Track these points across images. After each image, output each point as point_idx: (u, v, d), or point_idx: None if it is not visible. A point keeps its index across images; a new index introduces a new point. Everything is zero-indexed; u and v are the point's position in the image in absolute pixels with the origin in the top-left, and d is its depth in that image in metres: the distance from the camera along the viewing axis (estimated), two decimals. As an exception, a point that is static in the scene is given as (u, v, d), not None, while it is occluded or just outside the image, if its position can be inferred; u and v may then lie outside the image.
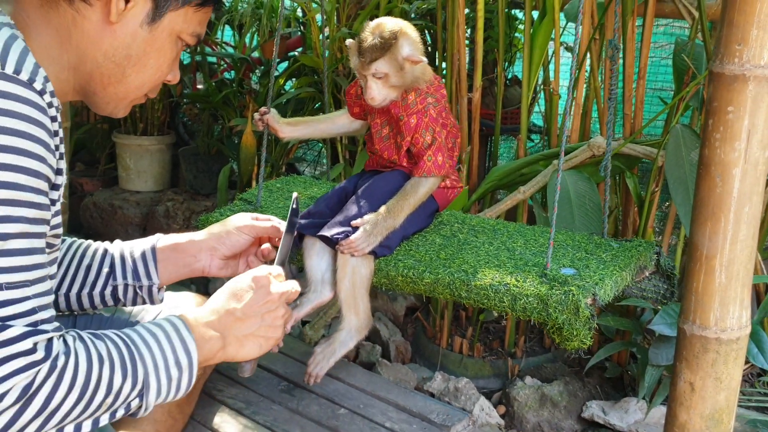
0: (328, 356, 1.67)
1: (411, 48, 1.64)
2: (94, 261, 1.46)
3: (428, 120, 1.67)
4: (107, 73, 1.15)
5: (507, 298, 1.50)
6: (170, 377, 1.16)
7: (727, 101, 1.33)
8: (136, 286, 1.47)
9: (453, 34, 2.43)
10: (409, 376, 2.54)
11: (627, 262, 1.60)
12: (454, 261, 1.61)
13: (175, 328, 1.20)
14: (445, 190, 1.76)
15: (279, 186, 2.06)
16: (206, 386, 1.74)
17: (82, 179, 3.88)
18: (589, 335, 1.47)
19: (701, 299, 1.41)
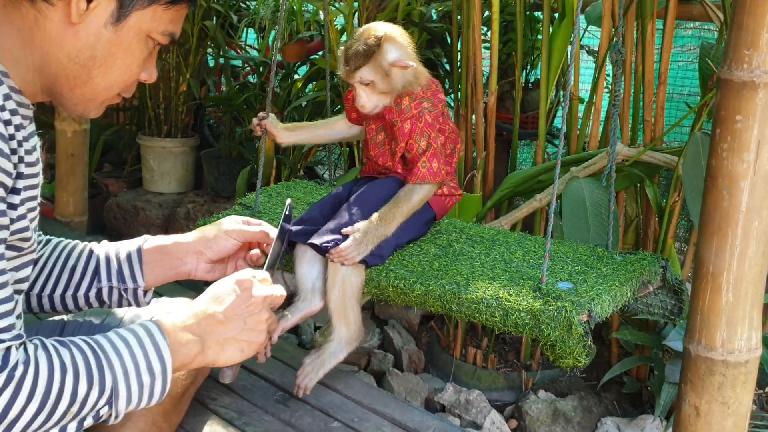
0: (317, 368, 1.63)
1: (398, 53, 1.58)
2: (78, 262, 1.44)
3: (423, 125, 1.61)
4: (72, 74, 1.12)
5: (499, 312, 1.43)
6: (141, 384, 1.12)
7: (735, 109, 1.25)
8: (120, 288, 1.44)
9: (468, 37, 2.36)
10: (420, 387, 2.48)
11: (628, 277, 1.52)
12: (447, 272, 1.55)
13: (148, 333, 1.16)
14: (442, 197, 1.70)
15: (279, 191, 2.02)
16: (199, 394, 1.70)
17: (107, 180, 3.90)
18: (584, 353, 1.39)
19: (707, 318, 1.33)
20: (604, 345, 2.62)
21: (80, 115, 1.21)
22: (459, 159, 1.77)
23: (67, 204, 2.95)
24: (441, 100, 1.68)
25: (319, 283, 1.64)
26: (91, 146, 4.14)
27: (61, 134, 2.88)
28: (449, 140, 1.71)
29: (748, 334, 1.32)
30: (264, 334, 1.29)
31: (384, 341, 2.79)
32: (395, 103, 1.63)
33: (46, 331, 1.47)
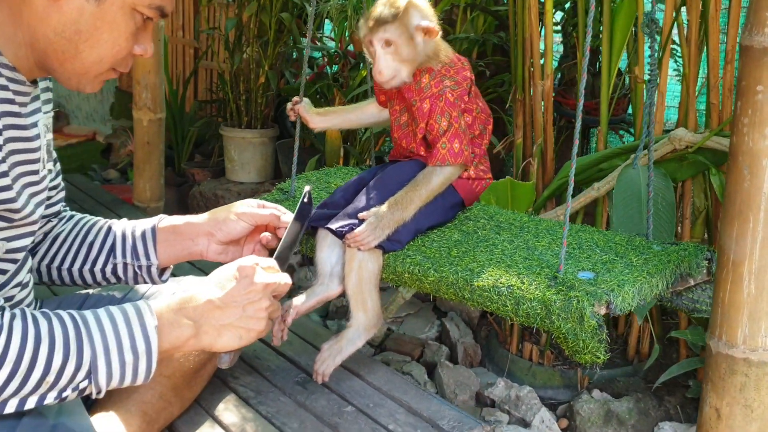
0: (334, 354, 1.60)
1: (423, 18, 1.54)
2: (97, 238, 1.48)
3: (444, 104, 1.55)
4: (60, 49, 1.15)
5: (510, 301, 1.36)
6: (124, 362, 1.14)
7: (756, 79, 1.13)
8: (135, 265, 1.47)
9: (524, 18, 2.27)
10: (471, 380, 2.41)
11: (660, 268, 1.40)
12: (464, 259, 1.48)
13: (138, 312, 1.18)
14: (468, 181, 1.64)
15: (317, 177, 2.01)
16: (222, 372, 1.72)
17: (194, 170, 4.04)
18: (600, 348, 1.30)
19: (727, 312, 1.22)
20: (672, 346, 2.46)
21: (77, 90, 1.24)
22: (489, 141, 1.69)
23: (144, 190, 3.07)
24: (466, 77, 1.61)
25: (338, 268, 1.61)
26: (183, 137, 4.32)
27: (137, 123, 3.00)
28: (478, 120, 1.64)
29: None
30: (264, 322, 1.28)
31: (442, 333, 2.74)
32: (414, 81, 1.58)
33: (68, 304, 1.53)
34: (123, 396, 1.43)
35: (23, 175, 1.19)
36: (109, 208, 2.99)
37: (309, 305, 1.61)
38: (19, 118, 1.17)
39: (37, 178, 1.23)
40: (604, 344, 1.30)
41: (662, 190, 2.00)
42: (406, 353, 2.59)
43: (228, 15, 3.90)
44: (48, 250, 1.48)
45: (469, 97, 1.61)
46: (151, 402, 1.46)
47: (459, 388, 2.38)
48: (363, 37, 1.58)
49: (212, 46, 4.34)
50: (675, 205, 1.96)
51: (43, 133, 1.26)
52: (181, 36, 4.88)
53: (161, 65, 2.98)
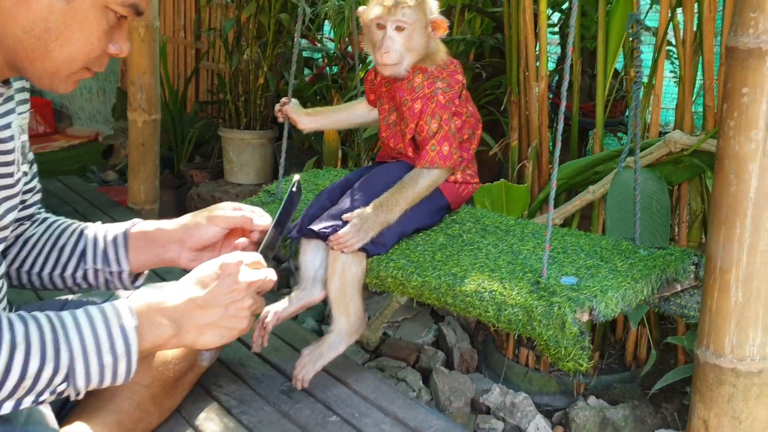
0: (314, 360, 1.57)
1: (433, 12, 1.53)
2: (68, 242, 1.45)
3: (435, 106, 1.53)
4: (29, 47, 1.12)
5: (492, 307, 1.33)
6: (102, 364, 1.11)
7: (741, 81, 1.09)
8: (106, 271, 1.44)
9: (518, 20, 2.24)
10: (466, 387, 2.38)
11: (645, 273, 1.37)
12: (447, 263, 1.45)
13: (116, 312, 1.15)
14: (455, 185, 1.61)
15: (306, 178, 1.98)
16: (206, 380, 1.69)
17: (192, 171, 4.03)
18: (583, 355, 1.27)
19: (715, 320, 1.18)
20: (670, 352, 2.42)
21: (50, 90, 1.21)
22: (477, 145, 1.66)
23: (138, 192, 3.05)
24: (458, 81, 1.58)
25: (322, 272, 1.58)
26: (182, 139, 4.31)
27: (132, 124, 2.98)
28: (467, 124, 1.61)
29: (762, 339, 1.15)
30: (246, 320, 1.25)
31: (438, 338, 2.70)
32: (407, 80, 1.55)
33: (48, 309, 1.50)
34: (98, 406, 1.40)
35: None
36: (102, 211, 2.97)
37: (290, 311, 1.58)
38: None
39: (11, 181, 1.20)
40: (587, 351, 1.27)
41: (657, 194, 1.97)
42: (401, 359, 2.56)
43: (227, 16, 3.88)
44: (18, 254, 1.45)
45: (460, 100, 1.58)
46: (128, 412, 1.42)
47: (454, 394, 2.35)
48: (373, 18, 1.52)
49: (213, 47, 4.32)
50: (670, 209, 1.92)
51: (18, 135, 1.24)
52: (182, 37, 4.87)
53: (156, 66, 2.96)
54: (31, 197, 1.44)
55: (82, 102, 6.19)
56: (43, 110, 6.07)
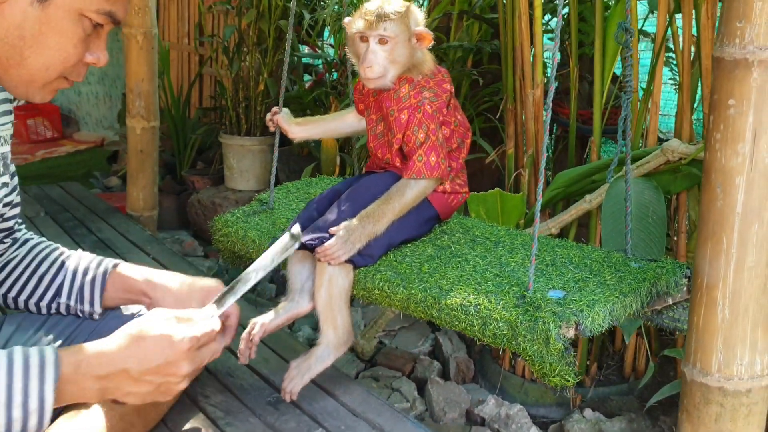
0: (303, 372, 1.55)
1: (418, 24, 1.51)
2: (48, 272, 1.44)
3: (422, 116, 1.51)
4: (4, 55, 1.10)
5: (477, 321, 1.31)
6: (10, 418, 1.05)
7: (727, 92, 1.06)
8: (77, 308, 1.43)
9: (514, 26, 2.21)
10: (461, 398, 2.35)
11: (635, 287, 1.34)
12: (434, 276, 1.43)
13: (41, 364, 1.08)
14: (444, 195, 1.58)
15: (298, 187, 1.97)
16: (193, 389, 1.67)
17: (193, 177, 4.02)
18: (568, 371, 1.24)
19: (702, 338, 1.15)
20: (670, 363, 2.38)
21: (26, 99, 1.19)
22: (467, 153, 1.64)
23: (137, 199, 3.04)
24: (446, 90, 1.56)
25: (309, 284, 1.57)
26: (184, 145, 4.30)
27: (131, 131, 2.98)
28: (456, 133, 1.59)
29: (750, 358, 1.12)
30: (171, 395, 1.21)
31: (435, 348, 2.68)
32: (393, 90, 1.53)
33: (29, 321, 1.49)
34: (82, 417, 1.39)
35: None
36: (101, 217, 2.96)
37: (278, 323, 1.57)
38: None
39: None
40: (573, 367, 1.24)
41: (653, 204, 1.94)
42: (396, 368, 2.53)
43: (228, 22, 3.87)
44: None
45: (448, 109, 1.56)
46: (112, 423, 1.41)
47: (448, 405, 2.32)
48: (356, 32, 1.52)
49: (215, 53, 4.32)
50: (666, 219, 1.89)
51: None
52: (186, 43, 4.87)
53: (155, 73, 2.95)
54: (10, 210, 1.42)
55: (89, 108, 6.21)
56: (50, 116, 6.10)
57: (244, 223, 1.80)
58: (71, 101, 6.37)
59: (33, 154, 5.61)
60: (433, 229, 1.63)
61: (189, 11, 4.77)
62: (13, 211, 1.43)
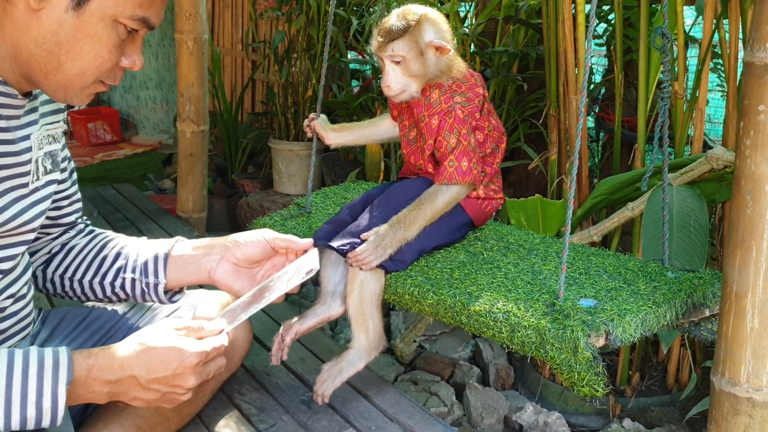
0: (334, 376, 1.57)
1: (436, 34, 1.50)
2: (110, 252, 1.49)
3: (453, 121, 1.51)
4: (42, 61, 1.14)
5: (505, 328, 1.31)
6: (25, 416, 1.09)
7: (758, 98, 1.05)
8: (143, 281, 1.46)
9: (557, 32, 2.20)
10: (500, 404, 2.34)
11: (669, 297, 1.32)
12: (464, 282, 1.43)
13: (55, 365, 1.12)
14: (478, 201, 1.59)
15: (336, 191, 1.99)
16: (229, 386, 1.71)
17: (243, 181, 4.10)
18: (597, 381, 1.23)
19: (731, 347, 1.13)
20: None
21: (64, 102, 1.23)
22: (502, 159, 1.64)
23: (187, 201, 3.12)
24: (478, 94, 1.56)
25: (341, 288, 1.59)
26: (236, 149, 4.39)
27: (181, 135, 3.05)
28: (490, 138, 1.59)
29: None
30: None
31: (475, 354, 2.67)
32: (424, 96, 1.55)
33: (73, 316, 1.55)
34: (117, 409, 1.43)
35: (12, 189, 1.21)
36: (151, 218, 3.05)
37: (309, 325, 1.59)
38: (4, 132, 1.18)
39: (26, 191, 1.25)
40: (603, 377, 1.23)
41: (696, 212, 1.90)
42: (436, 373, 2.54)
43: (279, 28, 3.94)
44: (62, 261, 1.50)
45: (481, 114, 1.56)
46: (147, 416, 1.45)
47: (486, 411, 2.31)
48: (373, 49, 1.55)
49: (268, 59, 4.39)
50: (709, 229, 1.85)
51: (37, 146, 1.28)
52: (239, 49, 4.97)
53: (205, 78, 3.02)
54: (68, 206, 1.48)
55: (147, 112, 6.39)
56: (110, 119, 6.30)
57: (281, 226, 1.83)
58: (130, 105, 6.56)
59: (92, 157, 5.80)
60: (466, 235, 1.64)
61: (243, 17, 4.87)
62: (74, 205, 1.48)
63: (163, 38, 5.71)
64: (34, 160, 1.26)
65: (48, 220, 1.45)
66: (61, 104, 1.37)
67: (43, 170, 1.30)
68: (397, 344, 2.55)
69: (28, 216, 1.25)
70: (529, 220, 2.20)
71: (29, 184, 1.25)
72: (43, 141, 1.30)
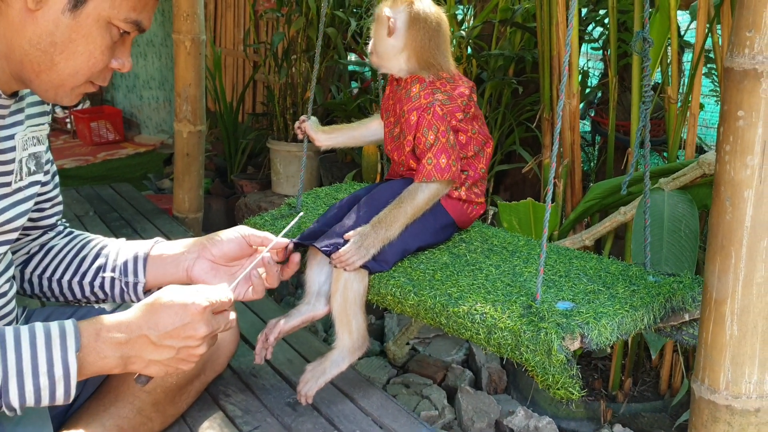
0: (317, 376, 1.56)
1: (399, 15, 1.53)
2: (90, 253, 1.49)
3: (431, 117, 1.51)
4: (35, 60, 1.15)
5: (482, 329, 1.30)
6: (38, 385, 1.09)
7: (737, 104, 1.04)
8: (122, 281, 1.46)
9: (551, 36, 2.19)
10: (491, 408, 2.33)
11: (647, 301, 1.31)
12: (445, 283, 1.43)
13: (62, 335, 1.12)
14: (460, 203, 1.58)
15: (327, 192, 1.99)
16: (215, 388, 1.71)
17: (242, 181, 4.10)
18: (572, 384, 1.23)
19: (710, 354, 1.12)
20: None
21: (54, 102, 1.24)
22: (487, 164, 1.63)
23: (183, 201, 3.12)
24: (462, 95, 1.56)
25: (326, 288, 1.59)
26: (236, 149, 4.39)
27: (178, 135, 3.06)
28: (474, 142, 1.58)
29: (759, 377, 1.08)
30: (193, 364, 1.24)
31: (468, 357, 2.66)
32: (405, 89, 1.55)
33: (58, 315, 1.55)
34: (99, 409, 1.43)
35: None
36: (147, 218, 3.05)
37: (293, 324, 1.59)
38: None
39: (8, 190, 1.25)
40: (578, 380, 1.22)
41: (686, 217, 1.89)
42: (428, 376, 2.53)
43: (278, 30, 3.95)
44: (41, 261, 1.50)
45: (466, 116, 1.56)
46: (128, 417, 1.45)
47: (477, 415, 2.30)
48: None
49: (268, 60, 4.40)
50: (699, 233, 1.84)
51: (21, 146, 1.28)
52: (241, 49, 4.97)
53: (202, 79, 3.03)
54: (51, 207, 1.48)
55: (150, 112, 6.40)
56: (113, 119, 6.32)
57: (271, 225, 1.83)
58: (133, 105, 6.58)
59: (95, 156, 5.82)
60: (451, 236, 1.63)
61: (244, 18, 4.88)
62: (54, 208, 1.49)
63: (167, 38, 5.72)
64: (17, 160, 1.26)
65: (29, 222, 1.45)
66: (47, 107, 1.37)
67: (27, 171, 1.30)
68: (390, 347, 2.55)
69: (10, 215, 1.25)
70: (521, 223, 2.19)
71: (12, 184, 1.25)
72: (27, 142, 1.30)
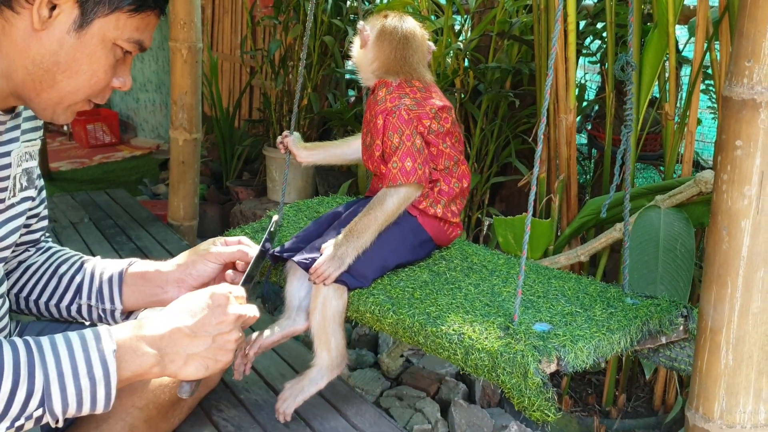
0: (295, 394, 1.54)
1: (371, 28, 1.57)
2: (66, 274, 1.47)
3: (396, 120, 1.47)
4: (38, 78, 1.14)
5: (460, 350, 1.28)
6: (80, 388, 1.10)
7: (735, 133, 1.03)
8: (99, 308, 1.46)
9: (548, 49, 2.19)
10: (484, 422, 2.32)
11: (624, 324, 1.30)
12: (424, 302, 1.40)
13: (96, 337, 1.13)
14: (437, 221, 1.54)
15: (309, 205, 1.98)
16: (208, 403, 1.70)
17: (238, 187, 4.08)
18: (548, 406, 1.21)
19: (704, 382, 1.11)
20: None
21: (50, 120, 1.23)
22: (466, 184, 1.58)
23: (178, 209, 3.11)
24: (433, 105, 1.52)
25: (306, 303, 1.55)
26: (231, 155, 4.38)
27: (173, 142, 3.04)
28: (444, 156, 1.53)
29: (754, 407, 1.07)
30: (231, 354, 1.24)
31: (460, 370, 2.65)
32: (372, 94, 1.55)
33: (52, 329, 1.53)
34: (91, 427, 1.42)
35: None
36: (142, 225, 3.03)
37: (273, 339, 1.57)
38: None
39: (2, 206, 1.24)
40: (553, 402, 1.21)
41: (682, 236, 1.88)
42: (422, 388, 2.52)
43: (276, 36, 3.94)
44: (18, 279, 1.49)
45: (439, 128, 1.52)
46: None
47: (470, 429, 2.29)
48: None
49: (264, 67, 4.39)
50: (695, 252, 1.84)
51: (17, 163, 1.27)
52: (238, 55, 4.96)
53: (198, 87, 3.01)
54: (36, 223, 1.47)
55: (146, 115, 6.39)
56: (109, 121, 6.30)
57: (251, 238, 1.82)
58: (130, 108, 6.56)
59: (91, 159, 5.80)
60: (431, 253, 1.62)
61: (242, 24, 4.87)
62: (40, 223, 1.48)
63: (164, 42, 5.71)
64: (12, 176, 1.25)
65: None
66: (40, 122, 1.37)
67: (20, 187, 1.29)
68: (384, 359, 2.54)
69: (3, 232, 1.24)
70: (516, 238, 2.18)
71: (5, 200, 1.25)
72: (22, 158, 1.29)
